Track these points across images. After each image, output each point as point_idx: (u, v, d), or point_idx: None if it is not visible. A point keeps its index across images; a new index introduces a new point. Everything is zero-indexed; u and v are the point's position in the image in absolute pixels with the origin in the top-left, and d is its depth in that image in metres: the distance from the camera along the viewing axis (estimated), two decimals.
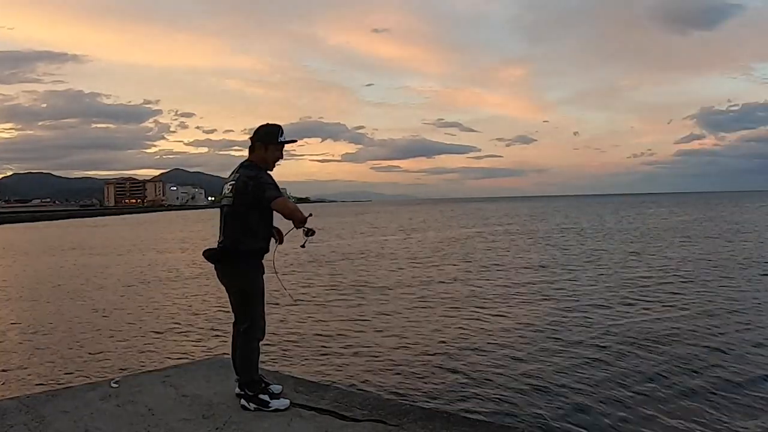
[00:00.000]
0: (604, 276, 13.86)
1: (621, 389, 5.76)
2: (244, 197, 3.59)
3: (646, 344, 7.42)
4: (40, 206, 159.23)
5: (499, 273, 14.95)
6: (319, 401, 3.82)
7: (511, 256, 19.03)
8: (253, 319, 3.67)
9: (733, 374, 6.18)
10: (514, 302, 10.71)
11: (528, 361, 6.75)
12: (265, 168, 3.72)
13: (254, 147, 3.73)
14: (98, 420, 3.53)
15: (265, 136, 3.72)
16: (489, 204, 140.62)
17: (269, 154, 3.71)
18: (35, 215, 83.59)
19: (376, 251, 22.33)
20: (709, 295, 10.86)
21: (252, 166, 3.69)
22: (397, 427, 3.41)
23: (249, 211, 3.60)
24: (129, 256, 22.64)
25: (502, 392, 5.72)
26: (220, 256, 3.68)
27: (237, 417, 3.55)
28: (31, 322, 9.92)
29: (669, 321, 8.76)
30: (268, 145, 3.71)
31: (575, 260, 17.37)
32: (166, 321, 9.75)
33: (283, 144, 3.76)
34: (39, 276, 16.70)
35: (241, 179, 3.62)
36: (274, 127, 3.75)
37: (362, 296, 11.76)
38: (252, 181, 3.58)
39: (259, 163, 3.71)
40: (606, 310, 9.74)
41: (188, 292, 12.84)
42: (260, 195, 3.55)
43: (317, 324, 9.10)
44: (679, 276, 13.48)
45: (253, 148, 3.74)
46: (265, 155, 3.71)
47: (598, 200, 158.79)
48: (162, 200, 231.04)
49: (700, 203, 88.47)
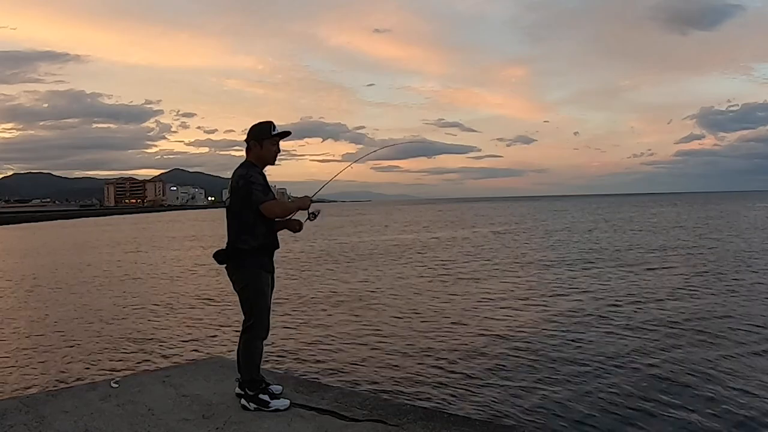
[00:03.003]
0: (611, 274, 13.87)
1: (622, 390, 5.74)
2: (237, 196, 3.64)
3: (655, 345, 7.39)
4: (39, 206, 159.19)
5: (503, 273, 14.94)
6: (319, 401, 3.82)
7: (516, 256, 19.02)
8: (257, 317, 3.67)
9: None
10: (515, 303, 10.70)
11: (528, 362, 6.74)
12: (263, 165, 3.76)
13: (250, 146, 3.76)
14: (98, 420, 3.53)
15: (258, 133, 3.74)
16: (489, 204, 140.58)
17: (265, 150, 3.74)
18: (35, 215, 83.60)
19: (377, 251, 22.33)
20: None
21: (246, 164, 3.73)
22: (397, 427, 3.41)
23: (243, 210, 3.62)
24: (129, 256, 22.64)
25: (503, 392, 5.71)
26: (224, 257, 3.70)
27: (237, 417, 3.54)
28: (31, 322, 9.93)
29: (677, 324, 8.75)
30: (262, 141, 3.73)
31: (583, 259, 17.37)
32: (166, 321, 9.76)
33: (277, 137, 3.78)
34: (38, 276, 16.69)
35: (234, 178, 3.67)
36: (266, 124, 3.78)
37: (363, 296, 11.76)
38: (242, 179, 3.62)
39: (257, 161, 3.74)
40: (615, 308, 9.74)
41: (189, 292, 12.84)
42: (248, 195, 3.59)
43: (317, 324, 9.10)
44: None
45: (249, 148, 3.76)
46: (261, 152, 3.74)
47: (599, 200, 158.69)
48: (162, 200, 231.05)
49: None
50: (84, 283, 14.97)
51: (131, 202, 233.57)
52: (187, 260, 20.56)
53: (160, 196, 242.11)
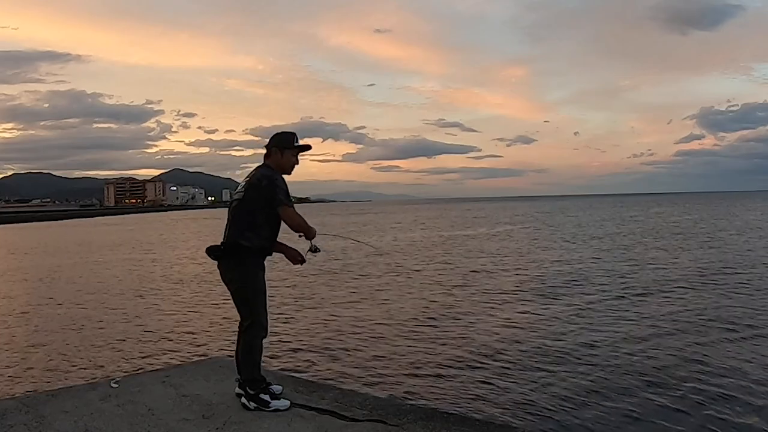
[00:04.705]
0: (614, 272, 13.87)
1: (624, 390, 5.74)
2: (256, 192, 3.64)
3: (658, 345, 7.38)
4: (39, 206, 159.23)
5: (505, 274, 14.92)
6: (319, 401, 3.83)
7: (517, 257, 19.02)
8: (256, 316, 3.68)
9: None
10: (517, 303, 10.70)
11: (529, 362, 6.74)
12: (280, 173, 3.78)
13: (270, 152, 3.80)
14: (98, 420, 3.53)
15: (281, 142, 3.79)
16: (490, 204, 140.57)
17: (285, 159, 3.78)
18: (35, 215, 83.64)
19: (377, 251, 22.30)
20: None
21: (270, 168, 3.76)
22: (397, 427, 3.41)
23: (257, 208, 3.63)
24: (129, 256, 22.63)
25: (503, 392, 5.71)
26: (221, 253, 3.69)
27: (237, 417, 3.55)
28: (31, 321, 9.92)
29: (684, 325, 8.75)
30: (284, 150, 3.77)
31: (587, 257, 17.37)
32: (166, 321, 9.75)
33: (298, 149, 3.83)
34: (38, 276, 16.69)
35: (256, 176, 3.70)
36: (290, 134, 3.85)
37: (363, 296, 11.75)
38: (266, 180, 3.64)
39: (275, 168, 3.77)
40: (616, 307, 9.74)
41: (189, 292, 12.83)
42: (271, 195, 3.60)
43: (317, 324, 9.08)
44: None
45: (269, 153, 3.80)
46: (281, 160, 3.77)
47: (599, 200, 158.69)
48: (162, 200, 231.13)
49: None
50: (84, 282, 14.97)
51: (131, 202, 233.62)
52: (187, 260, 20.55)
53: (160, 196, 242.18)
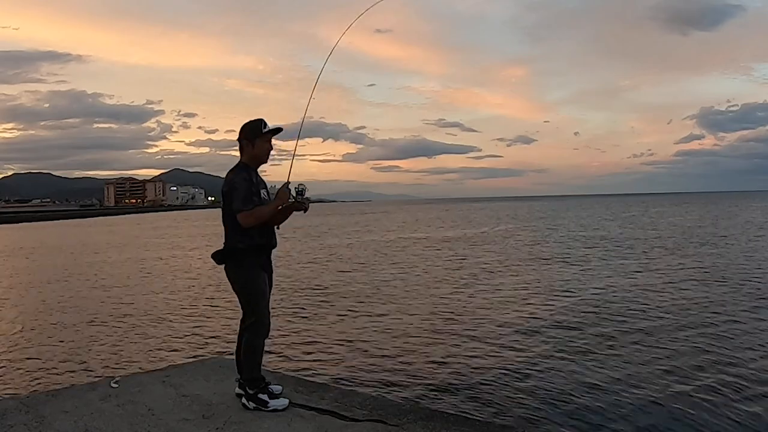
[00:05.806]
0: (615, 272, 13.87)
1: (624, 389, 5.74)
2: (225, 199, 3.65)
3: (662, 344, 7.38)
4: (39, 206, 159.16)
5: (505, 274, 14.92)
6: (319, 401, 3.82)
7: (517, 256, 19.01)
8: (258, 316, 3.67)
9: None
10: (518, 303, 10.70)
11: (529, 362, 6.73)
12: (258, 165, 3.76)
13: (242, 146, 3.74)
14: (98, 420, 3.53)
15: (249, 132, 3.71)
16: (490, 204, 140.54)
17: (258, 148, 3.71)
18: (35, 215, 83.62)
19: (377, 251, 22.32)
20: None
21: (237, 167, 3.70)
22: (397, 427, 3.41)
23: (234, 212, 3.60)
24: (128, 256, 22.63)
25: (503, 392, 5.71)
26: (222, 257, 3.71)
27: (237, 417, 3.54)
28: (31, 321, 9.92)
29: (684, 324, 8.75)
30: (254, 140, 3.70)
31: (584, 259, 17.37)
32: (166, 321, 9.75)
33: (269, 134, 3.74)
34: (38, 276, 16.70)
35: (224, 183, 3.68)
36: (257, 122, 3.74)
37: (363, 296, 11.75)
38: (227, 185, 3.63)
39: (250, 161, 3.73)
40: (616, 310, 9.74)
41: (189, 292, 12.84)
42: (230, 203, 3.59)
43: (318, 324, 9.09)
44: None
45: (241, 147, 3.74)
46: (254, 151, 3.71)
47: (599, 200, 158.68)
48: (162, 200, 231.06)
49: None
50: (84, 282, 14.96)
51: (131, 202, 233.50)
52: (187, 260, 20.55)
53: (160, 196, 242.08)
